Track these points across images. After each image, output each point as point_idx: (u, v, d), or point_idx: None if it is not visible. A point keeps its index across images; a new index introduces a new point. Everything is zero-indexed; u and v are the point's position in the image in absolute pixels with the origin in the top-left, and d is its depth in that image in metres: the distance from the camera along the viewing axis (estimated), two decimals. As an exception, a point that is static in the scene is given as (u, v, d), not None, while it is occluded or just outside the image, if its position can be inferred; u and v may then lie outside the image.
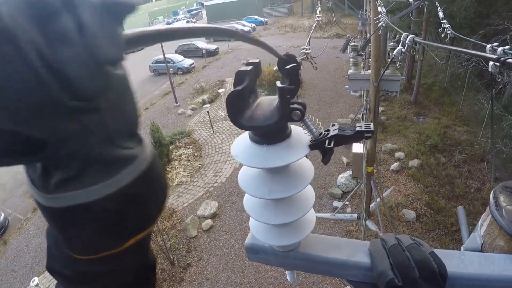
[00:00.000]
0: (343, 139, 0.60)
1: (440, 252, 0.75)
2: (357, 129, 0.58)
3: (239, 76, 0.56)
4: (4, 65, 0.25)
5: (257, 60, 0.59)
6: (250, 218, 0.77)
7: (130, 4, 0.32)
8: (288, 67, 0.61)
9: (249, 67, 0.57)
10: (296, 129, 0.66)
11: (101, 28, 0.29)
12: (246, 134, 0.65)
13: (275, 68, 0.73)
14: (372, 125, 0.57)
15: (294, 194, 0.65)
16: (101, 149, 0.33)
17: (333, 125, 0.63)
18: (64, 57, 0.27)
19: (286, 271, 0.92)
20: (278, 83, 0.56)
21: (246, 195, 0.73)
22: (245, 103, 0.56)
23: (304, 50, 4.65)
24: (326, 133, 0.62)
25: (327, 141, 0.60)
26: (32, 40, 0.25)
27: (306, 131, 0.63)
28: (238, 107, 0.54)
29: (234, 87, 0.55)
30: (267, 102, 0.62)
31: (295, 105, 0.57)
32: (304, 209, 0.70)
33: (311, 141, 0.63)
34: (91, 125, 0.31)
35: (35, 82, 0.26)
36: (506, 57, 1.88)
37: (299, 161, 0.66)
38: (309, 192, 0.74)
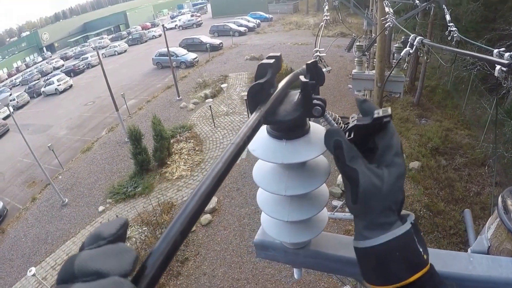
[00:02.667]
0: (363, 128, 0.57)
1: (450, 254, 0.75)
2: (375, 115, 0.56)
3: (262, 69, 0.55)
4: None
5: (278, 54, 0.58)
6: (262, 213, 0.76)
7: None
8: (309, 62, 0.60)
9: (272, 60, 0.55)
10: (315, 125, 0.65)
11: None
12: (263, 128, 0.64)
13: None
14: (389, 109, 0.55)
15: (310, 191, 0.64)
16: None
17: (352, 117, 0.62)
18: None
19: (294, 269, 0.91)
20: (302, 78, 0.55)
21: (259, 189, 0.71)
22: (265, 96, 0.54)
23: (318, 53, 4.48)
24: (346, 126, 0.60)
25: (347, 133, 0.58)
26: None
27: (327, 127, 0.62)
28: (259, 100, 0.53)
29: (256, 80, 0.54)
30: (287, 96, 0.61)
31: (316, 101, 0.56)
32: (319, 207, 0.69)
33: None
34: None
35: None
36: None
37: (315, 158, 0.65)
38: (324, 190, 0.72)
